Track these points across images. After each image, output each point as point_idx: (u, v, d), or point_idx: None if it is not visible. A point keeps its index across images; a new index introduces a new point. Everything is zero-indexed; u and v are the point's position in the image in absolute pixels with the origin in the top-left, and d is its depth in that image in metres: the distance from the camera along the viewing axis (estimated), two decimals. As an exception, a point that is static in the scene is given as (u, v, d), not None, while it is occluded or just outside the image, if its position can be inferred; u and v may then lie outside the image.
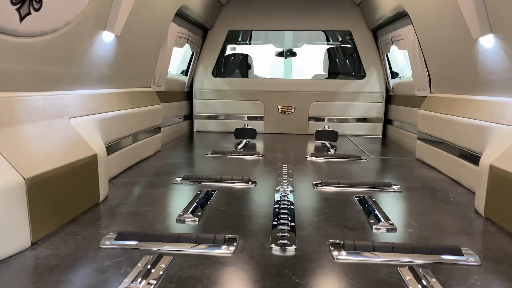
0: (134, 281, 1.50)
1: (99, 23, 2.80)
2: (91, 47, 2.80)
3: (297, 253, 1.81)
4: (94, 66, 2.95)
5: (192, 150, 4.85)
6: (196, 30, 5.71)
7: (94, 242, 1.89)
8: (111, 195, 2.68)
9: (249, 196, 2.74)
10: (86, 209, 2.36)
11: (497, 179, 2.23)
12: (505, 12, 2.38)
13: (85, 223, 2.15)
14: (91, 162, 2.44)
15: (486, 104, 2.90)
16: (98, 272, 1.60)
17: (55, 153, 2.14)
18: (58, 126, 2.34)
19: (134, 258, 1.71)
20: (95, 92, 3.04)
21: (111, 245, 1.85)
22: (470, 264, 1.70)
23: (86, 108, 2.78)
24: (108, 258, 1.72)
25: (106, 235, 1.95)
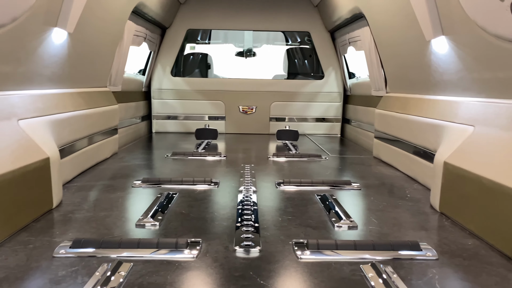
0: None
1: (50, 19, 2.65)
2: (41, 45, 2.65)
3: (262, 254, 1.80)
4: (45, 64, 2.79)
5: (151, 151, 4.72)
6: (153, 29, 5.57)
7: (47, 251, 1.78)
8: (65, 201, 2.55)
9: (211, 197, 2.70)
10: (38, 216, 2.22)
11: (451, 175, 2.33)
12: (456, 15, 2.49)
13: (37, 231, 2.03)
14: (43, 166, 2.31)
15: (439, 103, 3.03)
16: (52, 283, 1.50)
17: (2, 158, 2.00)
18: (5, 129, 2.19)
19: (92, 267, 1.63)
20: (46, 92, 2.88)
21: (66, 254, 1.75)
22: (428, 258, 1.76)
23: (37, 109, 2.62)
24: (63, 268, 1.62)
25: (60, 243, 1.84)
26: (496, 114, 2.26)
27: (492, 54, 2.27)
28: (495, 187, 1.90)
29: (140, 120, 5.79)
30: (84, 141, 3.36)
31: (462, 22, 2.45)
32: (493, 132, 2.22)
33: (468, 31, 2.41)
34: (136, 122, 5.61)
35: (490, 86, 2.42)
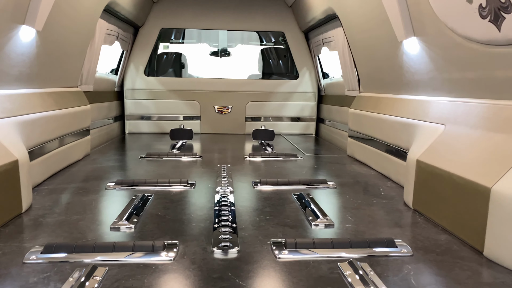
0: (66, 298, 1.38)
1: (17, 16, 2.56)
2: (8, 43, 2.55)
3: (240, 254, 1.79)
4: (12, 64, 2.69)
5: (124, 153, 4.63)
6: (126, 28, 5.46)
7: (17, 257, 1.71)
8: (35, 205, 2.46)
9: (188, 199, 2.67)
10: (7, 221, 2.14)
11: (423, 173, 2.39)
12: (426, 17, 2.55)
13: (6, 237, 1.95)
14: (11, 169, 2.22)
15: (410, 103, 3.10)
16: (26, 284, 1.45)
17: (-32, 161, 1.92)
18: (-30, 130, 2.10)
19: (65, 272, 1.58)
20: (14, 92, 2.77)
21: (37, 260, 1.68)
22: (403, 255, 1.80)
23: (4, 110, 2.52)
24: (34, 274, 1.57)
25: (31, 249, 1.77)
26: (466, 113, 2.33)
27: (461, 55, 2.35)
28: (465, 184, 1.96)
29: (112, 121, 5.67)
30: (54, 143, 3.26)
31: (432, 24, 2.52)
32: (463, 130, 2.29)
33: (438, 32, 2.48)
34: (109, 122, 5.49)
35: (460, 86, 2.49)
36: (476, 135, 2.15)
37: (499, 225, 1.72)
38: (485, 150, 2.00)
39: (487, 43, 2.10)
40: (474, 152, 2.07)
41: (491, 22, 2.00)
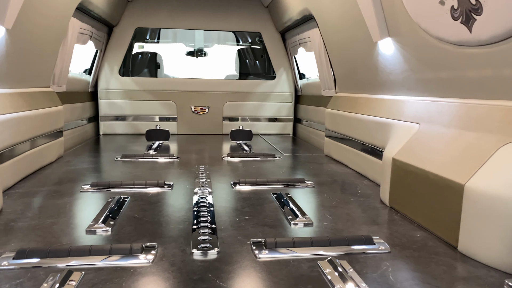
0: (40, 304, 1.33)
1: (-15, 13, 2.46)
2: (-25, 41, 2.45)
3: (220, 255, 1.78)
4: (-20, 62, 2.59)
5: (99, 154, 4.52)
6: (100, 27, 5.35)
7: (-13, 264, 1.65)
8: (6, 209, 2.37)
9: (165, 200, 2.63)
10: (-25, 227, 2.05)
11: (399, 171, 2.44)
12: (401, 18, 2.61)
13: (-25, 243, 1.87)
14: (-20, 173, 2.14)
15: (386, 102, 3.16)
16: (-6, 299, 1.39)
17: None
18: None
19: (39, 278, 1.53)
20: (-19, 92, 2.67)
21: (9, 265, 1.62)
22: (381, 252, 1.83)
23: (-29, 111, 2.42)
24: (5, 281, 1.51)
25: (2, 254, 1.71)
26: (439, 112, 2.39)
27: (434, 55, 2.41)
28: (439, 181, 2.01)
29: (86, 122, 5.54)
30: (26, 145, 3.16)
31: (406, 25, 2.57)
32: (437, 129, 2.35)
33: (412, 33, 2.54)
34: (82, 124, 5.36)
35: (433, 86, 2.56)
36: (450, 134, 2.21)
37: (472, 221, 1.77)
38: (458, 148, 2.05)
39: (458, 44, 2.16)
40: (447, 150, 2.13)
41: (463, 23, 2.06)
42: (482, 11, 1.91)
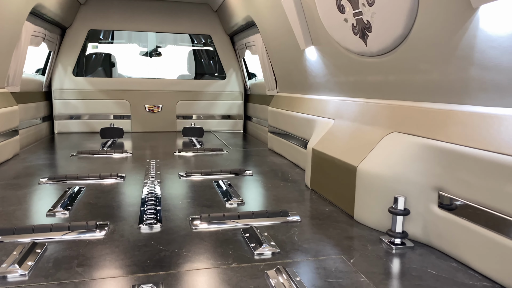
0: (12, 265, 1.66)
1: None
2: None
3: (162, 229, 2.17)
4: None
5: (55, 151, 4.74)
6: (53, 29, 5.52)
7: (-40, 242, 1.94)
8: (-31, 199, 2.63)
9: (118, 189, 2.97)
10: None
11: (317, 158, 2.93)
12: (320, 30, 3.09)
13: None
14: None
15: (313, 102, 3.65)
16: (-28, 264, 1.71)
17: None
18: None
19: (8, 249, 1.85)
20: None
21: (-20, 242, 1.93)
22: (293, 221, 2.29)
23: None
24: (-21, 253, 1.82)
25: (-27, 234, 2.01)
26: (348, 109, 2.90)
27: (344, 62, 2.91)
28: (342, 165, 2.50)
29: (41, 121, 5.69)
30: (-17, 143, 3.37)
31: (324, 36, 3.06)
32: (345, 123, 2.85)
33: (329, 43, 3.03)
34: (37, 123, 5.52)
35: (345, 88, 3.06)
36: (353, 127, 2.71)
37: (362, 195, 2.27)
38: (357, 138, 2.56)
39: (359, 54, 2.67)
40: (350, 140, 2.63)
41: (360, 38, 2.56)
42: (371, 29, 2.41)
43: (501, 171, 1.56)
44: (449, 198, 1.86)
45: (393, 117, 2.37)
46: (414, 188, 2.01)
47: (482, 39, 1.68)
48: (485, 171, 1.64)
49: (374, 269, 1.72)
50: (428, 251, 1.93)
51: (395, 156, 2.14)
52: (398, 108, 2.36)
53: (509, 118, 1.62)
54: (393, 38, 2.23)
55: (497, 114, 1.69)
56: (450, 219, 1.84)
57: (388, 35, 2.27)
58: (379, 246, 1.98)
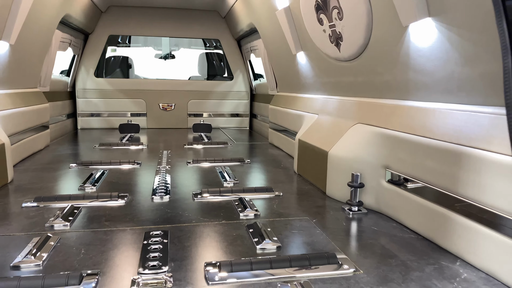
0: (58, 219, 2.23)
1: (-4, 34, 3.31)
2: (-11, 55, 3.29)
3: (171, 199, 2.72)
4: (-9, 70, 3.43)
5: (79, 144, 5.35)
6: (77, 35, 6.16)
7: (15, 206, 2.53)
8: (15, 178, 3.24)
9: (135, 172, 3.55)
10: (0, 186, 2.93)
11: (301, 148, 3.45)
12: (306, 38, 3.61)
13: (1, 196, 2.74)
14: (1, 150, 3.00)
15: (304, 100, 4.17)
16: (25, 221, 2.29)
17: (-27, 142, 2.69)
18: (-31, 121, 2.86)
19: (53, 211, 2.43)
20: (-8, 92, 3.51)
21: (31, 205, 2.52)
22: (275, 196, 2.82)
23: (-13, 107, 3.27)
24: (31, 213, 2.40)
25: (24, 200, 2.59)
26: (329, 106, 3.41)
27: (326, 66, 3.42)
28: (318, 151, 3.02)
29: (66, 118, 6.33)
30: (22, 134, 3.99)
31: (309, 43, 3.58)
32: (325, 117, 3.37)
33: (313, 49, 3.55)
34: (63, 119, 6.16)
35: (328, 87, 3.58)
36: (331, 120, 3.23)
37: (332, 174, 2.79)
38: (331, 129, 3.07)
39: (336, 59, 3.18)
40: (326, 131, 3.14)
41: (335, 46, 3.08)
42: (343, 38, 2.93)
43: (425, 150, 2.07)
44: (392, 173, 2.37)
45: (358, 112, 2.88)
46: (368, 167, 2.53)
47: (413, 50, 2.18)
48: (414, 151, 2.15)
49: (330, 226, 2.25)
50: (377, 216, 2.44)
51: (355, 142, 2.66)
52: (362, 104, 2.87)
53: (434, 110, 2.12)
54: (357, 46, 2.74)
55: (425, 107, 2.19)
56: (394, 190, 2.35)
57: (354, 44, 2.78)
58: (339, 212, 2.50)
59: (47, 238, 1.99)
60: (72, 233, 2.11)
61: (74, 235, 2.08)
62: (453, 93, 2.00)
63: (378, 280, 1.64)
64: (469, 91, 1.88)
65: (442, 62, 1.98)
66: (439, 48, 1.97)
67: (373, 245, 2.01)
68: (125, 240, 2.01)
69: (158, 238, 2.02)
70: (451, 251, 1.89)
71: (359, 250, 1.95)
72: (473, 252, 1.75)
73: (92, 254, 1.84)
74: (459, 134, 1.85)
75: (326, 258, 1.75)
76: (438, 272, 1.71)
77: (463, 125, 1.85)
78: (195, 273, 1.67)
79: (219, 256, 1.84)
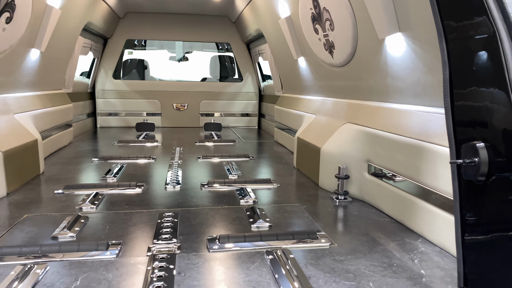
0: (85, 202, 2.64)
1: (30, 42, 3.75)
2: (23, 61, 3.73)
3: (182, 188, 3.11)
4: (24, 75, 3.87)
5: (99, 141, 5.81)
6: (97, 39, 6.62)
7: (47, 193, 2.96)
8: (46, 170, 3.67)
9: (150, 166, 3.95)
10: (33, 177, 3.36)
11: (300, 144, 3.81)
12: (305, 45, 3.96)
13: (37, 184, 3.18)
14: (33, 145, 3.44)
15: (304, 101, 4.53)
16: (60, 203, 2.71)
17: (13, 137, 3.13)
18: (7, 120, 3.30)
19: (80, 197, 2.84)
20: (24, 94, 3.95)
21: (63, 192, 2.94)
22: (273, 187, 3.18)
23: (22, 107, 3.71)
24: (64, 200, 2.82)
25: (56, 188, 3.02)
26: (324, 106, 3.76)
27: (322, 71, 3.77)
28: (312, 147, 3.38)
29: (86, 117, 6.80)
30: (50, 131, 4.44)
31: (308, 50, 3.94)
32: (321, 117, 3.72)
33: (311, 55, 3.90)
34: (83, 118, 6.63)
35: (324, 90, 3.93)
36: (325, 120, 3.58)
37: (323, 168, 3.14)
38: (325, 128, 3.43)
39: (330, 65, 3.53)
40: (320, 129, 3.50)
41: (329, 53, 3.43)
42: (335, 47, 3.28)
43: (396, 146, 2.41)
44: (373, 166, 2.71)
45: (348, 112, 3.23)
46: (353, 161, 2.87)
47: (389, 59, 2.53)
48: (388, 147, 2.49)
49: (316, 211, 2.61)
50: (360, 203, 2.79)
51: (344, 139, 3.01)
52: (351, 105, 3.22)
53: (405, 111, 2.46)
54: (347, 54, 3.09)
55: (399, 109, 2.54)
56: (374, 181, 2.70)
57: (344, 52, 3.13)
58: (327, 200, 2.86)
59: (78, 217, 2.40)
60: (98, 214, 2.51)
61: (100, 215, 2.49)
62: (420, 96, 2.34)
63: (348, 251, 1.99)
64: (431, 95, 2.22)
65: (411, 70, 2.33)
66: (408, 58, 2.32)
67: (351, 226, 2.36)
68: (142, 219, 2.41)
69: (170, 218, 2.41)
70: (415, 231, 2.24)
71: (337, 229, 2.30)
72: (432, 230, 2.09)
73: (115, 230, 2.24)
74: (422, 131, 2.19)
75: (307, 234, 2.11)
76: (400, 246, 2.06)
77: (425, 123, 2.19)
78: (199, 244, 2.05)
79: (219, 232, 2.21)
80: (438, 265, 1.86)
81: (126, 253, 1.93)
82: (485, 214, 1.52)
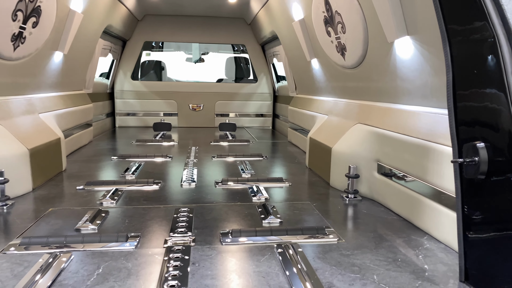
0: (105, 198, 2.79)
1: (54, 45, 3.93)
2: (48, 64, 3.92)
3: (197, 186, 3.23)
4: (48, 76, 4.06)
5: (118, 140, 5.99)
6: (116, 42, 6.82)
7: (69, 189, 3.11)
8: (68, 167, 3.84)
9: (167, 164, 4.09)
10: (56, 174, 3.53)
11: (312, 144, 3.89)
12: (317, 47, 4.04)
13: (60, 180, 3.34)
14: (57, 143, 3.61)
15: (317, 102, 4.61)
16: (82, 198, 2.86)
17: (38, 136, 3.31)
18: (33, 119, 3.48)
19: (101, 193, 2.99)
20: (49, 95, 4.14)
21: (85, 187, 3.09)
22: (285, 185, 3.28)
23: (46, 107, 3.90)
24: (85, 195, 2.97)
25: (78, 184, 3.18)
26: (336, 107, 3.84)
27: (335, 72, 3.85)
28: (324, 147, 3.46)
29: (105, 117, 7.01)
30: (71, 130, 4.62)
31: (321, 52, 4.01)
32: (333, 118, 3.80)
33: (325, 58, 3.98)
34: (103, 118, 6.83)
35: (337, 91, 4.00)
36: (337, 121, 3.66)
37: (334, 167, 3.22)
38: (336, 129, 3.50)
39: (342, 66, 3.60)
40: (332, 130, 3.57)
41: (341, 55, 3.50)
42: (347, 49, 3.35)
43: (404, 146, 2.48)
44: (382, 166, 2.78)
45: (359, 113, 3.30)
46: (363, 161, 2.95)
47: (398, 61, 2.60)
48: (396, 147, 2.56)
49: (326, 209, 2.69)
50: (369, 202, 2.86)
51: (354, 139, 3.08)
52: (362, 106, 3.29)
53: (414, 112, 2.53)
54: (358, 56, 3.16)
55: (408, 110, 2.60)
56: (383, 180, 2.76)
57: (355, 54, 3.21)
58: (337, 198, 2.94)
59: (99, 212, 2.54)
60: (118, 208, 2.65)
61: (119, 210, 2.63)
62: (428, 98, 2.40)
63: (355, 246, 2.08)
64: (438, 97, 2.28)
65: (419, 72, 2.39)
66: (416, 61, 2.38)
67: (359, 223, 2.44)
68: (159, 214, 2.53)
69: (185, 214, 2.52)
70: (422, 228, 2.30)
71: (346, 226, 2.38)
72: (437, 228, 2.16)
73: (134, 223, 2.37)
74: (429, 132, 2.26)
75: (316, 230, 2.20)
76: (406, 242, 2.13)
77: (432, 124, 2.26)
78: (213, 237, 2.16)
79: (232, 227, 2.32)
80: (442, 260, 1.93)
81: (144, 245, 2.06)
82: (485, 210, 1.59)
